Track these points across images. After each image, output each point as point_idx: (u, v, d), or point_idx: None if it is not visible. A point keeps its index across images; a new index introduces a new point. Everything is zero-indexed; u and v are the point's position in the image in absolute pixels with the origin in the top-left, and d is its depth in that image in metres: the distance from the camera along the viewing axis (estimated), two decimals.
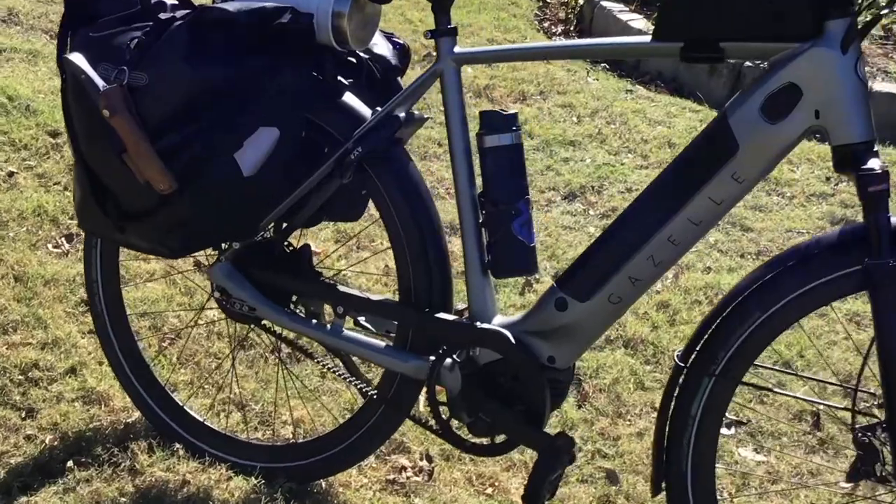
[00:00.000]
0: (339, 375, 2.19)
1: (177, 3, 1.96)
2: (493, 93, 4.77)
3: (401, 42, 2.24)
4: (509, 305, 3.01)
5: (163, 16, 1.89)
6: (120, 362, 2.41)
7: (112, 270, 2.38)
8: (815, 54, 1.60)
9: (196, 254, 2.22)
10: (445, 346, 1.97)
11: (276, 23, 1.84)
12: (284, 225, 2.19)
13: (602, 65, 5.46)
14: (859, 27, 1.62)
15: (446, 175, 3.83)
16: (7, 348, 2.66)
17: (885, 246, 1.58)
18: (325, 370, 2.21)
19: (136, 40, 1.86)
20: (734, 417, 2.51)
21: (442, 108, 1.95)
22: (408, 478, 2.29)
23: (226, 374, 2.58)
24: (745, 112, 1.66)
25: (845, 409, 1.82)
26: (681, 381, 1.79)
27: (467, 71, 4.91)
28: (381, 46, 2.17)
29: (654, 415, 2.04)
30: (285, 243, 2.19)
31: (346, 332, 2.09)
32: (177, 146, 1.84)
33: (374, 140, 1.97)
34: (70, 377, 2.57)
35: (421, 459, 2.34)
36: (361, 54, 2.10)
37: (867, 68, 1.58)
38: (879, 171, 1.57)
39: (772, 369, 2.52)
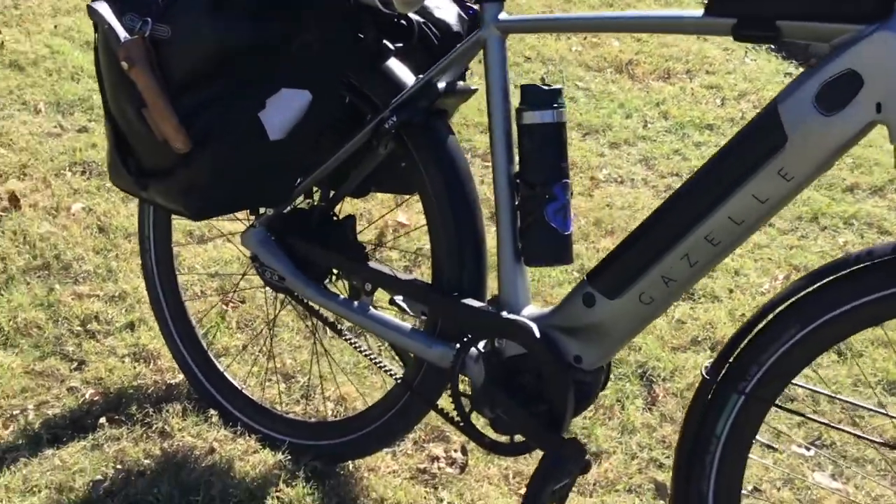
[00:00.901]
0: (367, 356, 2.09)
1: None
2: (635, 69, 4.56)
3: (475, 8, 2.10)
4: None
5: None
6: (166, 321, 2.38)
7: (164, 229, 2.34)
8: (880, 39, 1.39)
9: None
10: (470, 335, 1.84)
11: None
12: (332, 193, 2.11)
13: (767, 46, 5.15)
14: None
15: None
16: (73, 298, 2.66)
17: None
18: (356, 350, 2.10)
19: None
20: (812, 440, 2.29)
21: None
22: (439, 468, 2.18)
23: (268, 342, 2.51)
24: (797, 100, 1.46)
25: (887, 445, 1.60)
26: (708, 396, 1.61)
27: (613, 44, 4.72)
28: (444, 11, 2.03)
29: None
30: (331, 213, 2.10)
31: (372, 311, 1.98)
32: (199, 104, 1.76)
33: (411, 110, 1.85)
34: (126, 332, 2.55)
35: (457, 451, 2.21)
36: (415, 17, 1.97)
37: None
38: None
39: (817, 392, 2.29)
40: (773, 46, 5.10)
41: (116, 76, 1.79)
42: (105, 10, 1.78)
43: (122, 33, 1.76)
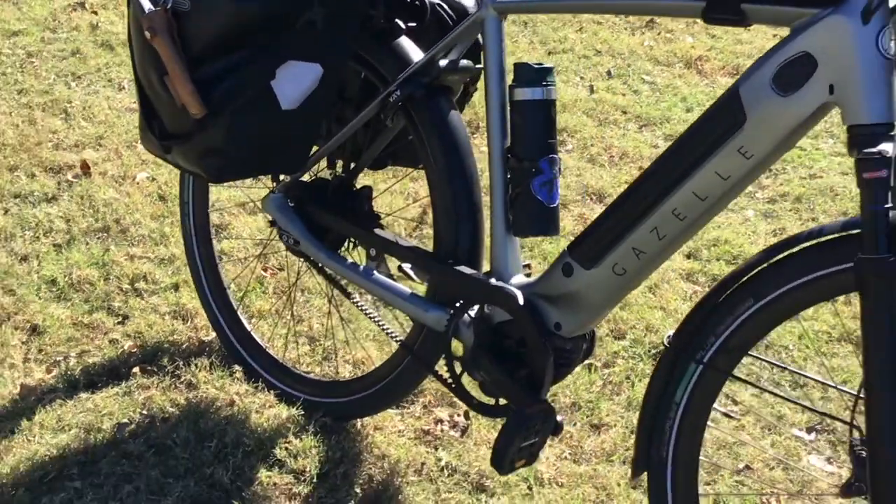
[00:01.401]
0: (373, 319, 2.20)
1: None
2: (703, 65, 4.57)
3: None
4: None
5: None
6: (201, 281, 2.53)
7: (203, 194, 2.49)
8: (833, 23, 1.45)
9: None
10: (462, 301, 1.94)
11: None
12: (353, 165, 2.23)
13: None
14: None
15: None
16: (126, 259, 2.84)
17: (879, 240, 1.42)
18: (363, 312, 2.22)
19: None
20: (812, 425, 2.33)
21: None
22: (442, 431, 2.28)
23: (296, 306, 2.64)
24: (756, 81, 1.52)
25: (840, 419, 1.65)
26: (669, 365, 1.68)
27: (686, 40, 4.75)
28: None
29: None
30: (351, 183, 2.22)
31: (375, 275, 2.09)
32: (215, 73, 1.89)
33: (414, 84, 1.95)
34: (169, 292, 2.71)
35: (460, 416, 2.31)
36: None
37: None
38: (878, 156, 1.40)
39: (767, 361, 2.31)
40: None
41: (142, 45, 1.93)
42: None
43: (147, 5, 1.90)
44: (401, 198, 3.24)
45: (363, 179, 2.48)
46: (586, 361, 2.42)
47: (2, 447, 2.15)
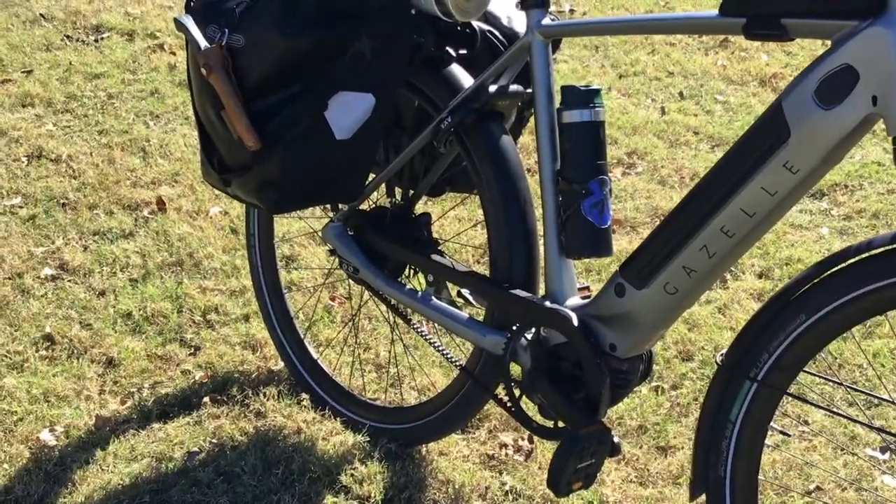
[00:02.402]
0: (433, 345, 2.22)
1: None
2: (778, 82, 4.51)
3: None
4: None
5: None
6: (269, 311, 2.58)
7: (267, 225, 2.54)
8: (873, 34, 1.43)
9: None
10: (519, 324, 1.95)
11: None
12: (411, 192, 2.26)
13: None
14: None
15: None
16: (199, 291, 2.90)
17: None
18: (423, 338, 2.24)
19: (243, 4, 1.97)
20: (887, 444, 2.27)
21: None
22: (507, 455, 2.28)
23: (359, 333, 2.67)
24: (798, 96, 1.51)
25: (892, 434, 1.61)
26: (723, 383, 1.67)
27: (761, 58, 4.70)
28: (511, 18, 2.16)
29: None
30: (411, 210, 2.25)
31: (434, 301, 2.11)
32: (270, 107, 1.94)
33: (465, 111, 1.98)
34: (240, 323, 2.77)
35: (524, 440, 2.31)
36: (480, 25, 2.10)
37: None
38: None
39: (819, 376, 2.26)
40: None
41: (200, 81, 1.99)
42: (189, 23, 1.99)
43: (203, 42, 1.96)
44: (469, 224, 3.26)
45: (425, 207, 2.50)
46: (654, 383, 2.42)
47: (77, 477, 2.21)
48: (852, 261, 1.52)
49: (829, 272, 1.55)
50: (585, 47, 4.84)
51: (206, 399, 2.46)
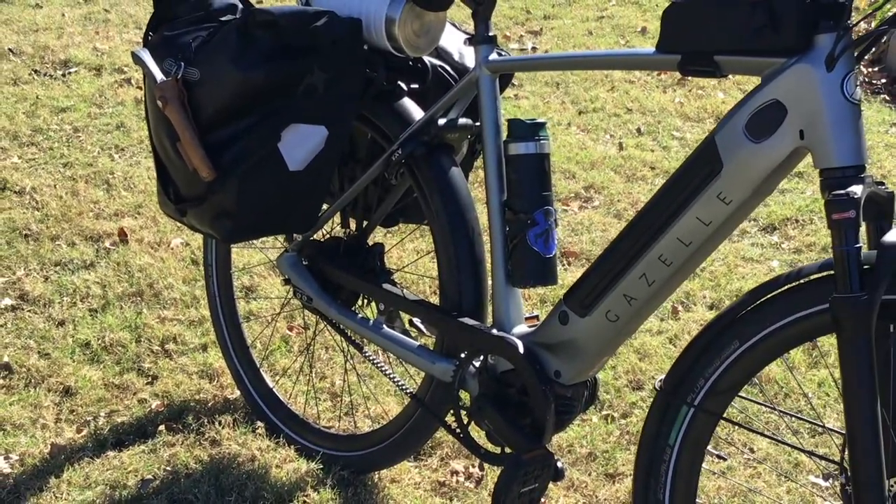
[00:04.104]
0: (385, 373, 2.25)
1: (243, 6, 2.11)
2: None
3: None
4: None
5: (224, 18, 2.04)
6: (226, 341, 2.61)
7: (225, 255, 2.58)
8: (800, 70, 1.50)
9: None
10: (467, 352, 1.99)
11: (312, 27, 1.93)
12: (365, 223, 2.30)
13: (882, 96, 5.11)
14: (854, 42, 1.49)
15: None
16: (158, 321, 2.93)
17: (852, 279, 1.45)
18: (375, 366, 2.28)
19: (199, 38, 2.02)
20: (829, 472, 2.32)
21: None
22: (458, 482, 2.32)
23: (317, 362, 2.71)
24: (730, 130, 1.58)
25: (828, 459, 1.66)
26: (662, 408, 1.71)
27: (717, 96, 4.79)
28: (461, 54, 2.21)
29: None
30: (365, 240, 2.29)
31: (385, 329, 2.15)
32: (225, 139, 1.98)
33: (415, 143, 2.03)
34: (198, 352, 2.79)
35: (475, 466, 2.35)
36: (431, 61, 2.15)
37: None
38: (846, 197, 1.44)
39: (759, 404, 2.31)
40: (887, 98, 5.07)
41: (156, 113, 2.04)
42: (146, 57, 2.04)
43: (159, 76, 2.00)
44: (426, 255, 3.30)
45: (384, 238, 2.54)
46: (604, 412, 2.46)
47: None
48: (783, 289, 1.58)
49: (761, 300, 1.60)
50: (546, 84, 4.92)
51: (162, 427, 2.48)
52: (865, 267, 1.45)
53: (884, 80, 5.29)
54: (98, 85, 4.66)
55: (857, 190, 1.45)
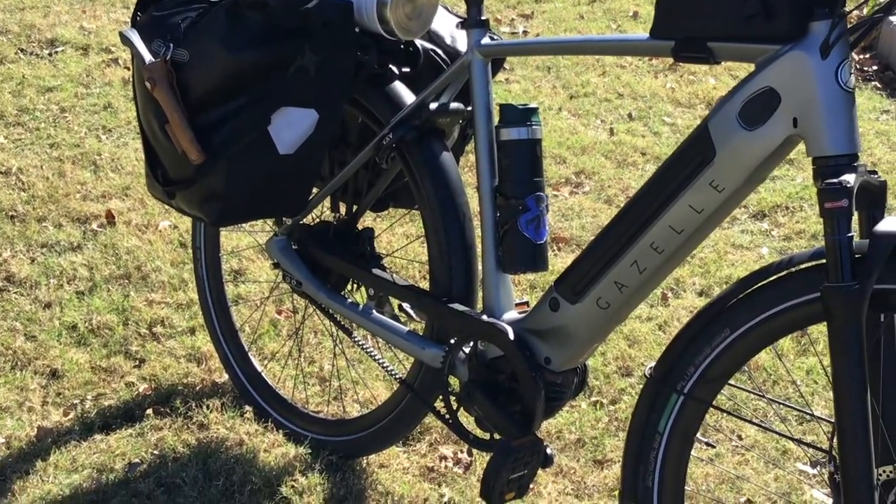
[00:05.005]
0: (374, 358, 2.25)
1: None
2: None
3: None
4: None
5: None
6: (214, 324, 2.60)
7: (213, 238, 2.56)
8: (794, 58, 1.49)
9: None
10: (456, 338, 1.98)
11: (303, 8, 1.92)
12: (355, 207, 2.29)
13: (874, 83, 5.10)
14: (849, 30, 1.49)
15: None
16: (146, 304, 2.91)
17: (843, 268, 1.44)
18: (364, 351, 2.28)
19: (189, 19, 2.00)
20: (817, 459, 2.33)
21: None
22: (446, 467, 2.31)
23: (307, 347, 2.70)
24: (723, 117, 1.57)
25: (817, 447, 1.66)
26: (651, 395, 1.71)
27: (709, 81, 4.78)
28: (454, 38, 2.20)
29: None
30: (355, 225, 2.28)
31: (374, 314, 2.15)
32: (214, 121, 1.96)
33: (406, 128, 2.01)
34: (186, 336, 2.78)
35: (464, 452, 2.35)
36: (423, 44, 2.14)
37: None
38: (839, 186, 1.43)
39: (749, 392, 2.32)
40: (878, 85, 5.07)
41: (144, 95, 2.02)
42: (135, 37, 2.02)
43: (148, 57, 1.98)
44: (416, 240, 3.29)
45: (374, 223, 2.53)
46: (593, 398, 2.46)
47: (17, 487, 2.22)
48: (774, 277, 1.57)
49: (752, 288, 1.60)
50: (538, 68, 4.90)
51: (150, 411, 2.47)
52: (857, 256, 1.45)
53: (875, 67, 5.28)
54: (85, 65, 4.62)
55: (849, 179, 1.45)
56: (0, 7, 5.10)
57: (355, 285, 2.33)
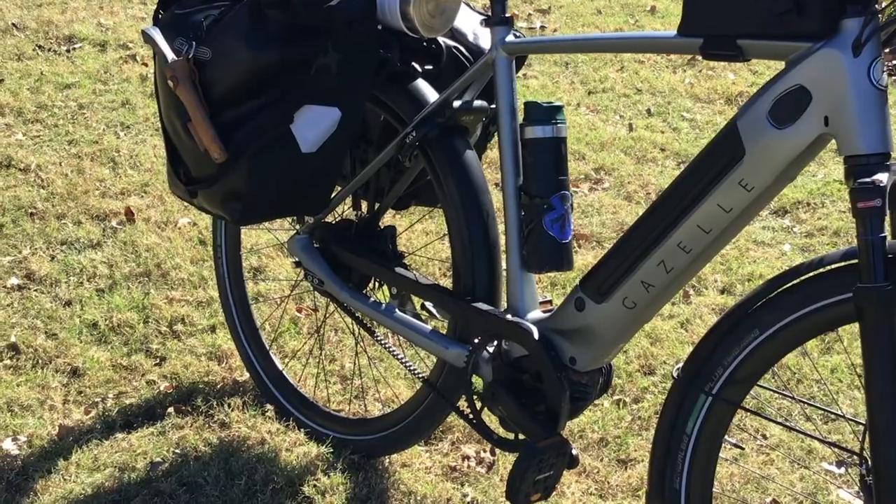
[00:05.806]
0: (396, 357, 2.23)
1: None
2: (744, 100, 4.55)
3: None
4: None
5: None
6: (235, 323, 2.59)
7: (234, 237, 2.56)
8: (825, 55, 1.47)
9: None
10: (480, 337, 1.97)
11: (326, 6, 1.90)
12: (377, 205, 2.28)
13: (892, 78, 5.06)
14: (881, 27, 1.46)
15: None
16: (166, 302, 2.91)
17: (876, 269, 1.43)
18: (386, 350, 2.27)
19: (211, 17, 1.99)
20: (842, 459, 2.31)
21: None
22: (469, 467, 2.30)
23: (327, 345, 2.69)
24: (753, 115, 1.55)
25: (848, 450, 1.65)
26: (679, 396, 1.69)
27: (728, 77, 4.76)
28: (477, 35, 2.18)
29: None
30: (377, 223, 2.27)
31: (397, 313, 2.13)
32: (237, 119, 1.95)
33: (429, 125, 2.00)
34: (206, 334, 2.77)
35: (486, 451, 2.34)
36: (446, 42, 2.13)
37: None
38: (872, 185, 1.41)
39: (777, 392, 2.30)
40: None
41: (167, 93, 2.01)
42: (157, 35, 2.01)
43: (170, 55, 1.97)
44: (437, 238, 3.28)
45: (394, 220, 2.52)
46: (615, 397, 2.45)
47: (39, 486, 2.21)
48: (804, 277, 1.56)
49: (782, 288, 1.58)
50: (556, 64, 4.88)
51: (171, 409, 2.46)
52: (890, 256, 1.43)
53: None
54: (103, 61, 4.62)
55: (882, 178, 1.43)
56: (18, 3, 5.10)
57: (377, 284, 2.31)
